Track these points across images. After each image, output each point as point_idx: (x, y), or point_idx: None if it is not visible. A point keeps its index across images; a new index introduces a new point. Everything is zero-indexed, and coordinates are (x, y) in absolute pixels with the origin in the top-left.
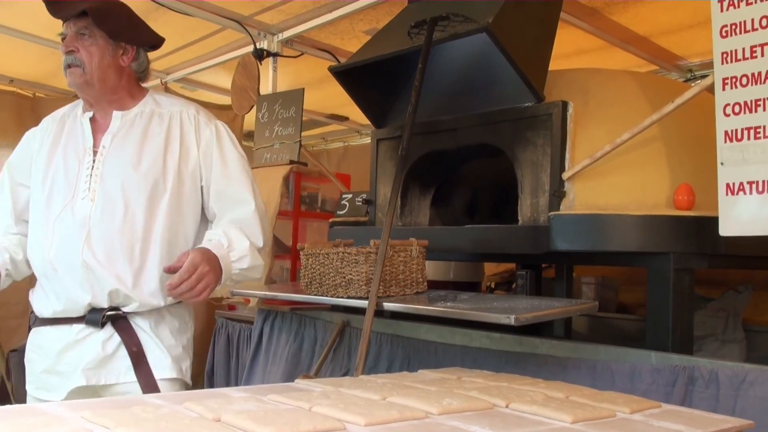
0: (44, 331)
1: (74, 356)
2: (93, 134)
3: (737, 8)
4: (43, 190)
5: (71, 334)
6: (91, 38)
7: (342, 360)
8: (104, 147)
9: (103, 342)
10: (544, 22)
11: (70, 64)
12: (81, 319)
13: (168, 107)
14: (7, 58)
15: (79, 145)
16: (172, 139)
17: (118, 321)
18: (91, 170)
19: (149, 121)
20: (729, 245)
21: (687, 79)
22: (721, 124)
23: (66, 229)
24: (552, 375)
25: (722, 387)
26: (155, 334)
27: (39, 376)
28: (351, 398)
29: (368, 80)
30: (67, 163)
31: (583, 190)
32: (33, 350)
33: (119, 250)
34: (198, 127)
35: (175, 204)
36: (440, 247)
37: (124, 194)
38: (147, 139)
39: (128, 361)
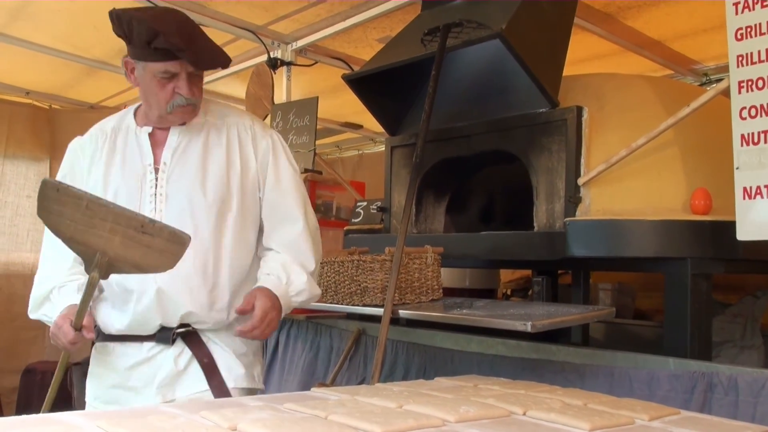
0: (111, 347)
1: (146, 373)
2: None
3: (752, 11)
4: None
5: (141, 351)
6: (199, 77)
7: (358, 368)
8: (165, 164)
9: (175, 358)
10: (557, 27)
11: (190, 104)
12: (151, 338)
13: (223, 118)
14: (23, 70)
15: (137, 162)
16: (233, 153)
17: (188, 336)
18: (155, 189)
19: (207, 134)
20: (746, 250)
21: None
22: (738, 128)
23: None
24: (569, 382)
25: (741, 393)
26: (225, 343)
27: (107, 391)
28: (367, 406)
29: (382, 88)
30: (127, 182)
31: (599, 195)
32: (99, 365)
33: (192, 273)
34: (255, 138)
35: (240, 219)
36: (455, 254)
37: (192, 214)
38: (209, 155)
39: (200, 374)
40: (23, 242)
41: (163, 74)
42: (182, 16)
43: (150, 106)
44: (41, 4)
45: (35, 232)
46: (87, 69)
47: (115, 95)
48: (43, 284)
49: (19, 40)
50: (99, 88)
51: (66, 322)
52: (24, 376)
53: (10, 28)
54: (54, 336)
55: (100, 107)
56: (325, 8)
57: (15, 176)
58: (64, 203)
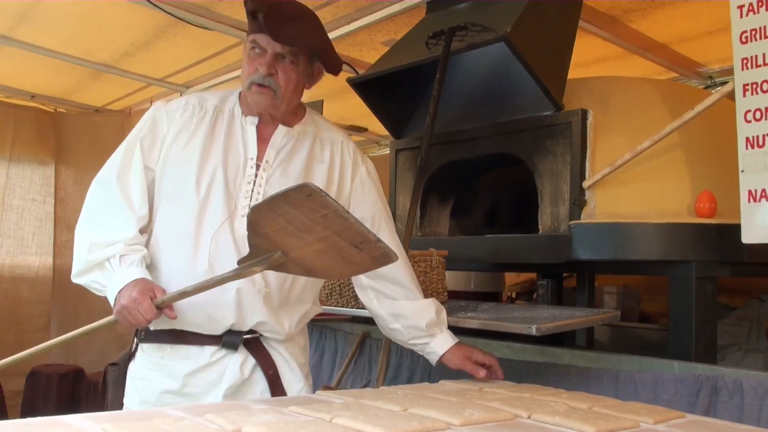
0: (166, 350)
1: (206, 379)
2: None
3: (757, 14)
4: (197, 194)
5: (203, 355)
6: (293, 64)
7: (363, 371)
8: (268, 162)
9: (241, 365)
10: (562, 30)
11: (263, 84)
12: (214, 339)
13: (328, 133)
14: (28, 73)
15: (240, 152)
16: (334, 170)
17: (252, 342)
18: (253, 185)
19: (313, 143)
20: (752, 253)
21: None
22: (743, 131)
23: (223, 248)
24: (574, 385)
25: (747, 397)
26: (289, 354)
27: (160, 396)
28: (372, 410)
29: (387, 91)
30: (227, 170)
31: (604, 198)
32: (150, 368)
33: (276, 280)
34: (355, 162)
35: None
36: (460, 257)
37: None
38: (312, 165)
39: (263, 384)
40: (28, 245)
41: (251, 45)
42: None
43: (243, 85)
44: (46, 7)
45: (40, 236)
46: (92, 72)
47: (120, 99)
48: (99, 249)
49: (24, 44)
50: (104, 92)
51: (146, 298)
52: (29, 379)
53: (16, 32)
54: (126, 309)
55: (106, 111)
56: (329, 11)
57: (20, 180)
58: (298, 206)
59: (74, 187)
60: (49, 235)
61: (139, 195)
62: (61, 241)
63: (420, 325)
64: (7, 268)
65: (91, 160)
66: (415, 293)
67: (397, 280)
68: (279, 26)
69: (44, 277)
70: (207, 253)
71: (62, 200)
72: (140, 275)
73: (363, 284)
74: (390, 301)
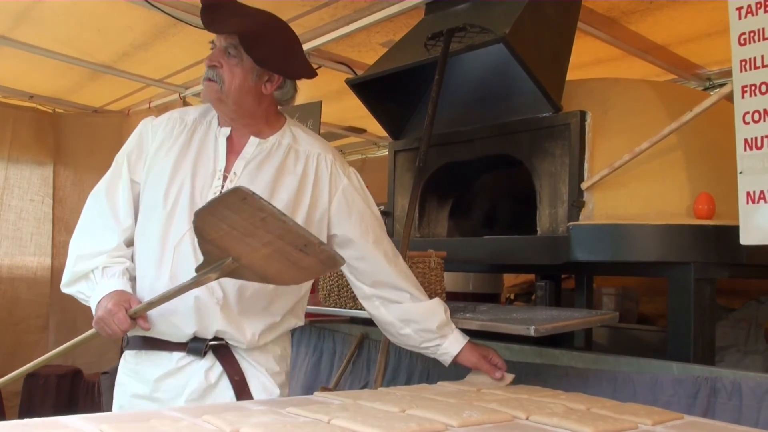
0: (140, 356)
1: (174, 384)
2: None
3: (755, 15)
4: (165, 206)
5: (171, 361)
6: (237, 58)
7: (361, 372)
8: (235, 174)
9: (206, 371)
10: (561, 32)
11: (209, 78)
12: (182, 347)
13: (306, 146)
14: (27, 74)
15: (210, 163)
16: (307, 182)
17: (219, 349)
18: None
19: (285, 155)
20: (750, 254)
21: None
22: (741, 133)
23: (185, 258)
24: (572, 387)
25: (745, 398)
26: (258, 362)
27: (132, 401)
28: (370, 411)
29: (385, 92)
30: (194, 181)
31: (603, 199)
32: (126, 374)
33: (236, 291)
34: (334, 174)
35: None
36: (459, 259)
37: None
38: (281, 177)
39: (230, 391)
40: (27, 246)
41: (211, 45)
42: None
43: None
44: (45, 8)
45: (39, 236)
46: (91, 73)
47: (118, 99)
48: (84, 261)
49: (22, 44)
50: (103, 92)
51: (121, 309)
52: (27, 380)
53: (14, 33)
54: (102, 321)
55: (104, 111)
56: (328, 12)
57: (19, 180)
58: (237, 210)
59: (72, 188)
60: (48, 235)
61: (124, 207)
62: (59, 241)
63: (431, 327)
64: (5, 268)
65: (90, 161)
66: (419, 295)
67: (397, 285)
68: (215, 17)
69: (42, 277)
70: (170, 264)
71: (61, 201)
72: (119, 287)
73: (366, 294)
74: (397, 306)
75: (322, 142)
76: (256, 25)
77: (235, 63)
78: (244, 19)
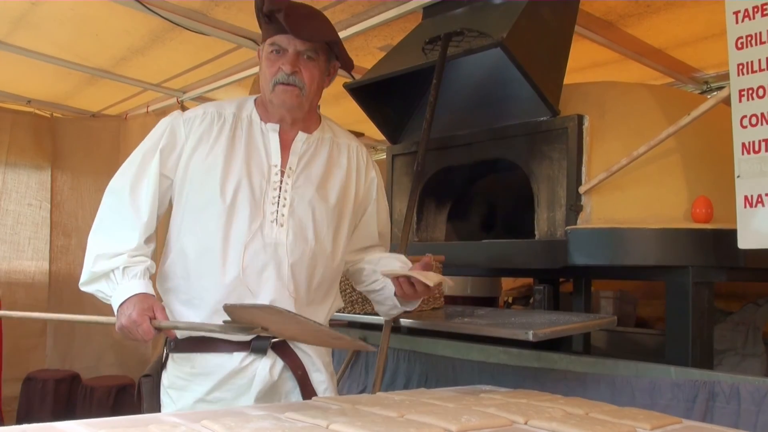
0: (195, 359)
1: (238, 384)
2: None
3: (752, 20)
4: (223, 201)
5: (233, 361)
6: (315, 61)
7: (359, 377)
8: (291, 168)
9: (270, 368)
10: (558, 35)
11: (289, 82)
12: (245, 345)
13: (344, 138)
14: (25, 78)
15: (263, 159)
16: (351, 173)
17: (277, 346)
18: (278, 192)
19: (331, 149)
20: (748, 258)
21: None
22: (738, 136)
23: (256, 254)
24: (571, 391)
25: (743, 402)
26: (314, 353)
27: (194, 405)
28: (368, 416)
29: (383, 96)
30: (251, 177)
31: (600, 203)
32: (183, 377)
33: (304, 283)
34: (367, 167)
35: (347, 239)
36: (457, 263)
37: (314, 223)
38: (332, 168)
39: (292, 384)
40: (24, 250)
41: (272, 46)
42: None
43: (263, 87)
44: (43, 12)
45: (36, 240)
46: (88, 77)
47: (116, 104)
48: (104, 260)
49: (20, 49)
50: (100, 97)
51: (145, 320)
52: (24, 385)
53: (12, 37)
54: (127, 330)
55: (102, 116)
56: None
57: (16, 185)
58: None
59: (70, 192)
60: (45, 240)
61: (148, 204)
62: (57, 246)
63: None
64: (2, 273)
65: (87, 165)
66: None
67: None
68: (299, 24)
69: (40, 282)
70: (239, 261)
71: (58, 205)
72: (141, 289)
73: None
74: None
75: (351, 134)
76: (331, 28)
77: (313, 65)
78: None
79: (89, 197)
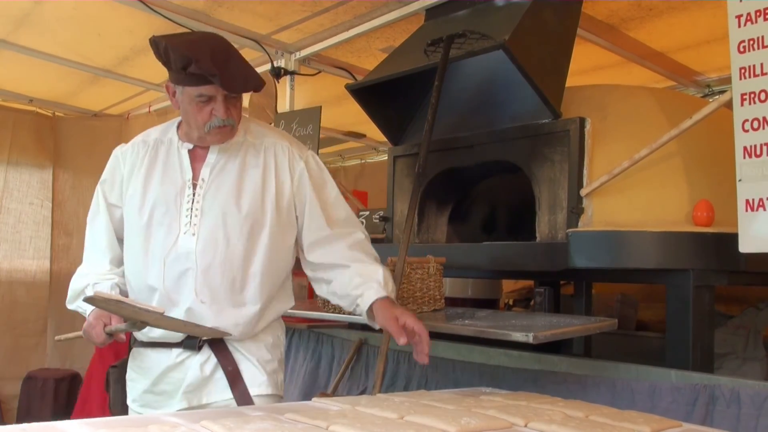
0: (145, 353)
1: (175, 378)
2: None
3: (755, 23)
4: (140, 221)
5: (171, 357)
6: (236, 99)
7: (359, 378)
8: (203, 180)
9: (201, 364)
10: (560, 38)
11: (227, 124)
12: (179, 344)
13: (261, 138)
14: (27, 78)
15: (177, 177)
16: (269, 173)
17: (214, 343)
18: (191, 204)
19: (245, 154)
20: (749, 262)
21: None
22: (740, 140)
23: (175, 267)
24: (571, 393)
25: (744, 406)
26: (250, 352)
27: (141, 395)
28: (368, 417)
29: (385, 98)
30: (166, 195)
31: (602, 206)
32: (135, 370)
33: (220, 287)
34: (292, 160)
35: (273, 238)
36: (458, 264)
37: (225, 229)
38: (245, 174)
39: (224, 381)
40: (26, 249)
41: (199, 97)
42: (218, 41)
43: (190, 127)
44: (45, 12)
45: (37, 239)
46: (91, 77)
47: (118, 103)
48: (82, 279)
49: (23, 48)
50: (102, 96)
51: (99, 323)
52: (25, 384)
53: (15, 36)
54: (85, 332)
55: (104, 115)
56: (328, 18)
57: (18, 183)
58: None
59: (72, 191)
60: (47, 239)
61: (102, 232)
62: (58, 245)
63: (344, 292)
64: (4, 272)
65: (89, 165)
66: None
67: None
68: (232, 82)
69: (41, 281)
70: (160, 274)
71: (60, 204)
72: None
73: (311, 277)
74: (327, 286)
75: (276, 131)
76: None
77: (237, 103)
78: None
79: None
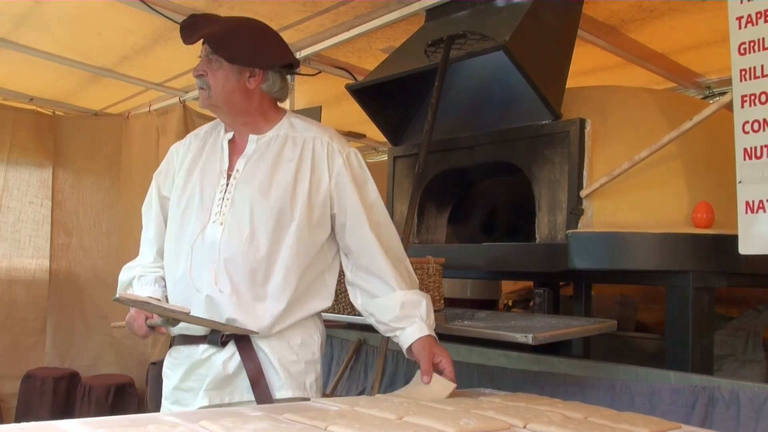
0: (177, 348)
1: (200, 374)
2: (230, 156)
3: (755, 25)
4: (178, 209)
5: (197, 353)
6: (217, 63)
7: (358, 378)
8: (237, 171)
9: (224, 362)
10: (561, 39)
11: (200, 86)
12: (204, 339)
13: (302, 132)
14: (27, 76)
15: (216, 166)
16: (304, 166)
17: (240, 340)
18: (223, 194)
19: (283, 145)
20: (749, 264)
21: (705, 97)
22: (740, 142)
23: (200, 255)
24: (570, 395)
25: (743, 408)
26: (273, 352)
27: (172, 392)
28: (367, 418)
29: (385, 98)
30: (203, 184)
31: (601, 207)
32: (169, 366)
33: (241, 278)
34: (331, 154)
35: (301, 233)
36: (457, 265)
37: (251, 220)
38: (279, 165)
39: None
40: (25, 248)
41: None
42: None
43: None
44: (46, 11)
45: (37, 238)
46: (91, 76)
47: (118, 102)
48: (129, 271)
49: (23, 47)
50: (103, 95)
51: (141, 316)
52: (24, 382)
53: (15, 35)
54: (128, 324)
55: (104, 114)
56: (329, 18)
57: (18, 182)
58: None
59: (71, 191)
60: (46, 238)
61: (152, 223)
62: (57, 244)
63: (384, 320)
64: (3, 270)
65: (89, 164)
66: (392, 287)
67: (379, 274)
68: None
69: (40, 280)
70: (187, 260)
71: (59, 203)
72: (148, 293)
73: (349, 280)
74: (368, 299)
75: (320, 126)
76: (223, 28)
77: (216, 67)
78: (212, 27)
79: (90, 196)
